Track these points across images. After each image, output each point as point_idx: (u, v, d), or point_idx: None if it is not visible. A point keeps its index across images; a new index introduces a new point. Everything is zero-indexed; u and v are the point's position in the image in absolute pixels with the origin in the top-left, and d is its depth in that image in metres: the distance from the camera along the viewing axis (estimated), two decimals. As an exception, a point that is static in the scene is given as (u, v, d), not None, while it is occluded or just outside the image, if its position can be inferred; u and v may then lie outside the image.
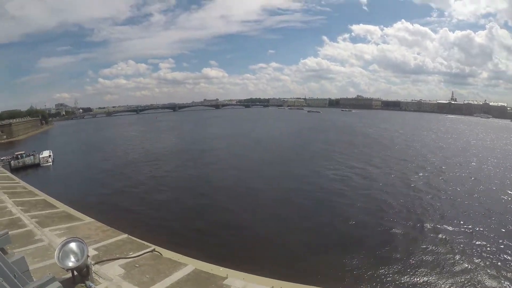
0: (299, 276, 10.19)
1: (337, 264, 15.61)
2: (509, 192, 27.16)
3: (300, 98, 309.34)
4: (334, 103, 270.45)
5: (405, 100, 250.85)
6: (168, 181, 33.73)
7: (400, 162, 40.08)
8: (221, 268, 8.72)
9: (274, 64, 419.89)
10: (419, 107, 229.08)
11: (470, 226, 20.28)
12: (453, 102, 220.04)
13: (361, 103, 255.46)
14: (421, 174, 33.80)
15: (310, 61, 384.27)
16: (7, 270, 4.01)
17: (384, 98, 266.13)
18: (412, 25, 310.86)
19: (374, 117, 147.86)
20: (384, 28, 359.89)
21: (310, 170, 36.60)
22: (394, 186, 29.46)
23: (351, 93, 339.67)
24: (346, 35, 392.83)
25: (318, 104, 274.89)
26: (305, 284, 8.27)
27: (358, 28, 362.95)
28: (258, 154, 49.66)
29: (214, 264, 9.26)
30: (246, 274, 8.66)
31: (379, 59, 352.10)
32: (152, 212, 23.96)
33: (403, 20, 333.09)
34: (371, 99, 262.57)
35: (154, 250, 9.02)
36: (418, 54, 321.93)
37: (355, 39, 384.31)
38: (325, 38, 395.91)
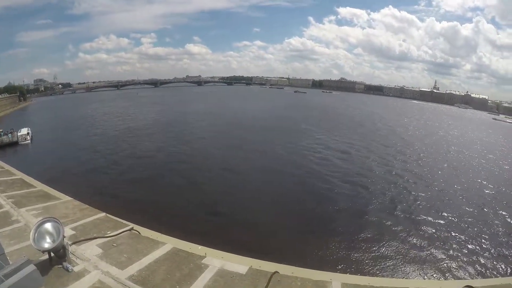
0: (277, 256, 10.42)
1: (315, 244, 16.04)
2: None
3: (283, 78, 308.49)
4: (318, 84, 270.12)
5: (388, 86, 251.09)
6: (148, 158, 33.68)
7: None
8: (200, 247, 8.84)
9: (258, 43, 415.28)
10: (402, 93, 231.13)
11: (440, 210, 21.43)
12: (435, 90, 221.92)
13: (344, 86, 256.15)
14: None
15: (295, 41, 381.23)
16: (-19, 253, 4.01)
17: (367, 82, 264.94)
18: (400, 12, 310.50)
19: (357, 100, 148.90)
20: (371, 12, 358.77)
21: (295, 149, 37.05)
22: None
23: (335, 75, 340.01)
24: (332, 17, 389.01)
25: (301, 84, 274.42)
26: (283, 263, 8.47)
27: (344, 11, 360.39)
28: (240, 132, 49.88)
29: (193, 243, 9.35)
30: (225, 253, 8.81)
31: (364, 43, 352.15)
32: (131, 190, 23.93)
33: (390, 6, 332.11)
34: (354, 82, 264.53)
35: (132, 228, 9.08)
36: (404, 41, 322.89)
37: (341, 22, 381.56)
38: (311, 18, 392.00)
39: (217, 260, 7.45)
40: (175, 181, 26.04)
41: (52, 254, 6.21)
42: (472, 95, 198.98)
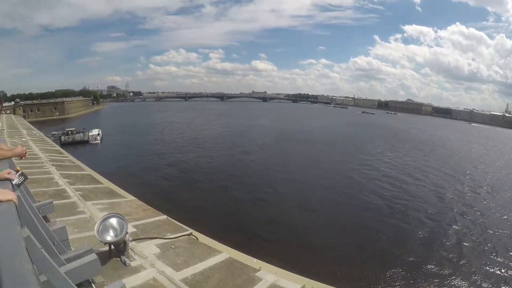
0: (331, 279, 9.94)
1: (373, 272, 15.36)
2: None
3: (348, 97, 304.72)
4: (384, 105, 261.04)
5: (456, 108, 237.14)
6: (211, 168, 34.32)
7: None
8: (255, 260, 8.63)
9: (323, 61, 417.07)
10: (471, 116, 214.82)
11: None
12: (507, 114, 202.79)
13: (411, 107, 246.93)
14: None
15: (361, 60, 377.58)
16: (48, 237, 4.08)
17: (435, 104, 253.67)
18: (467, 29, 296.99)
19: (425, 123, 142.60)
20: (438, 30, 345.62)
21: (360, 170, 35.99)
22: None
23: (401, 96, 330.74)
24: (398, 36, 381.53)
25: (366, 104, 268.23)
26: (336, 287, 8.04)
27: (410, 29, 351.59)
28: (305, 148, 49.63)
29: (248, 255, 9.19)
30: (279, 269, 8.54)
31: (431, 62, 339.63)
32: (192, 196, 24.55)
33: (458, 23, 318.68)
34: (421, 104, 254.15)
35: (191, 234, 9.06)
36: (473, 60, 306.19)
37: (407, 40, 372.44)
38: (376, 37, 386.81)
39: (270, 275, 7.15)
40: (236, 192, 26.39)
41: (112, 247, 6.33)
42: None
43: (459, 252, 18.26)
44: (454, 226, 22.07)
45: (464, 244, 19.37)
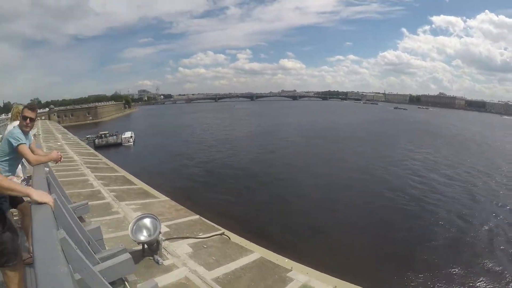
0: (364, 281, 9.74)
1: (407, 275, 15.03)
2: None
3: (379, 93, 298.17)
4: (415, 100, 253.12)
5: (491, 101, 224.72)
6: (242, 168, 34.44)
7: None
8: (286, 260, 8.59)
9: (351, 57, 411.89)
10: (506, 109, 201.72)
11: None
12: None
13: (443, 101, 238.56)
14: None
15: (389, 54, 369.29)
16: (83, 237, 4.20)
17: (468, 97, 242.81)
18: (497, 17, 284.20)
19: (459, 118, 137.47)
20: (467, 19, 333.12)
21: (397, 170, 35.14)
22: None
23: (433, 90, 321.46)
24: (427, 27, 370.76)
25: (397, 99, 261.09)
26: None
27: (438, 20, 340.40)
28: (337, 147, 49.12)
29: (280, 254, 9.15)
30: (310, 269, 8.46)
31: (462, 53, 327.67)
32: (224, 196, 24.75)
33: (486, 11, 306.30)
34: (453, 98, 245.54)
35: (223, 233, 9.09)
36: (505, 49, 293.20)
37: (436, 31, 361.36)
38: (404, 30, 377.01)
39: (302, 276, 7.05)
40: (267, 192, 26.37)
41: (145, 246, 6.47)
42: None
43: (492, 257, 17.49)
44: (486, 227, 21.05)
45: (500, 247, 18.48)
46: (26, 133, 5.07)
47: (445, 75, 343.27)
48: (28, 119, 5.10)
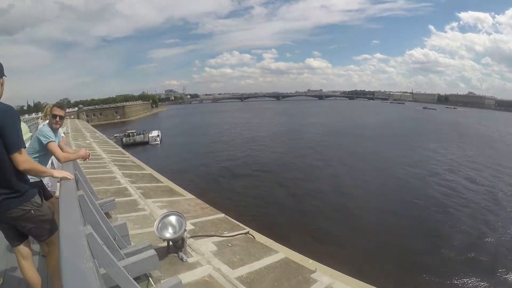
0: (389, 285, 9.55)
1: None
2: None
3: (406, 92, 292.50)
4: (443, 99, 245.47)
5: None
6: (268, 168, 34.41)
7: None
8: (311, 261, 8.47)
9: (378, 55, 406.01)
10: None
11: None
12: None
13: (472, 101, 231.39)
14: None
15: (417, 52, 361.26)
16: (109, 232, 4.32)
17: (498, 97, 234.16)
18: None
19: (490, 118, 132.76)
20: (496, 15, 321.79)
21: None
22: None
23: (462, 89, 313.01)
24: (454, 24, 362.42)
25: (425, 99, 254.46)
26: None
27: (466, 16, 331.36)
28: (363, 146, 48.48)
29: (304, 255, 9.09)
30: (334, 271, 8.31)
31: (492, 50, 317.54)
32: (249, 195, 24.83)
33: None
34: (483, 97, 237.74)
35: (248, 232, 9.09)
36: None
37: (464, 28, 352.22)
38: (431, 27, 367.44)
39: (326, 277, 6.96)
40: (293, 193, 26.28)
41: (170, 243, 6.55)
42: None
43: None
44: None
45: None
46: (55, 131, 5.23)
47: (474, 74, 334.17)
48: (58, 117, 5.29)
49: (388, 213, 22.56)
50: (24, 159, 3.28)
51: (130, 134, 57.02)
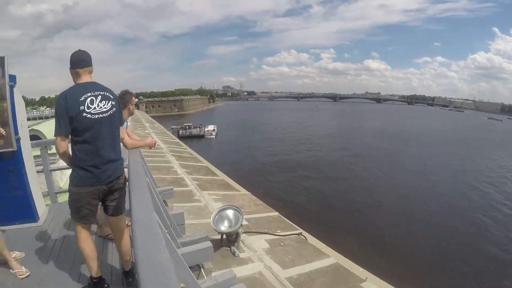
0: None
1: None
2: None
3: (468, 100, 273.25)
4: (507, 110, 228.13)
5: None
6: (323, 170, 34.10)
7: None
8: (361, 269, 8.29)
9: (439, 59, 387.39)
10: None
11: None
12: None
13: None
14: None
15: (480, 57, 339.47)
16: (167, 220, 4.45)
17: None
18: None
19: None
20: None
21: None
22: None
23: None
24: None
25: (488, 108, 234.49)
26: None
27: None
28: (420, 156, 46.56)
29: (355, 262, 8.92)
30: (385, 283, 8.11)
31: None
32: (303, 196, 24.73)
33: None
34: None
35: (300, 233, 9.05)
36: None
37: None
38: (495, 29, 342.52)
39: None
40: (347, 198, 25.89)
41: (224, 237, 6.67)
42: None
43: None
44: None
45: None
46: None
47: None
48: (134, 104, 5.89)
49: (445, 231, 21.35)
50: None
51: (187, 127, 58.78)
